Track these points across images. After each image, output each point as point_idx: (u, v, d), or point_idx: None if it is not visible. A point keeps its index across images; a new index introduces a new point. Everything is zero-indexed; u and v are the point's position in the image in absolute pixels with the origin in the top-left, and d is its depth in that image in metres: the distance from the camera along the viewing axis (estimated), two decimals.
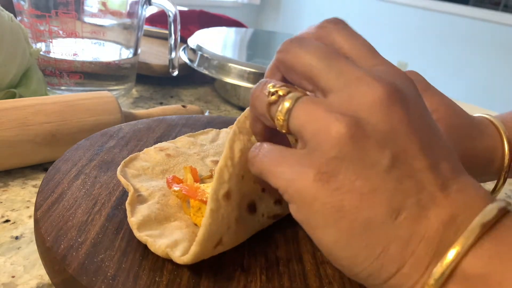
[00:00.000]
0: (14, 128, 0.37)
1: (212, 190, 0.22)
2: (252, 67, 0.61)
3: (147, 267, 0.23)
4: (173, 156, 0.33)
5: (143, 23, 0.60)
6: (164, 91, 0.69)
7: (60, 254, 0.23)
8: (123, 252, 0.24)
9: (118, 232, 0.26)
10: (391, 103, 0.19)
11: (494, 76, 3.05)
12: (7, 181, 0.38)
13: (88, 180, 0.30)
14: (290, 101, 0.20)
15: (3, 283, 0.27)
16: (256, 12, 4.10)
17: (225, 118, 0.45)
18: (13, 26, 0.45)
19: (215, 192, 0.22)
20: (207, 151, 0.35)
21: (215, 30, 0.83)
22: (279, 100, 0.21)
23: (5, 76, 0.44)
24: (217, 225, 0.22)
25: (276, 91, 0.21)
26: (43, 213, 0.26)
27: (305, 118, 0.19)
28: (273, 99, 0.21)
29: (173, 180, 0.29)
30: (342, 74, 0.20)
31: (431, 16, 3.23)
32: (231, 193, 0.23)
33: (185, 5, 1.28)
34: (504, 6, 2.97)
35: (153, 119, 0.42)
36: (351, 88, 0.19)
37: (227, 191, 0.22)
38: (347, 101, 0.19)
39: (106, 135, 0.38)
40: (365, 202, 0.18)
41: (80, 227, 0.25)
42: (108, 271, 0.22)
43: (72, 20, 0.52)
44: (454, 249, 0.17)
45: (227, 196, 0.22)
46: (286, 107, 0.20)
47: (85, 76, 0.55)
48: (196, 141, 0.36)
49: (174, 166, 0.32)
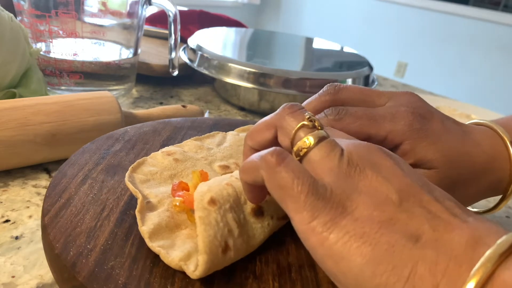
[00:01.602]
0: (14, 128, 0.37)
1: (195, 200, 0.23)
2: (252, 67, 0.61)
3: (158, 274, 0.23)
4: (180, 161, 0.32)
5: (143, 23, 0.60)
6: (164, 91, 0.69)
7: (70, 261, 0.23)
8: (133, 259, 0.24)
9: (127, 238, 0.25)
10: (382, 153, 0.23)
11: (494, 76, 3.05)
12: (7, 181, 0.38)
13: (96, 185, 0.30)
14: (322, 134, 0.23)
15: (3, 283, 0.27)
16: (256, 12, 4.10)
17: (231, 120, 0.45)
18: (13, 26, 0.45)
19: (199, 202, 0.23)
20: (214, 155, 0.35)
21: (215, 30, 0.83)
22: (313, 129, 0.24)
23: (5, 76, 0.44)
24: (213, 228, 0.23)
25: (314, 121, 0.24)
26: (50, 219, 0.26)
27: (321, 159, 0.22)
28: (308, 125, 0.24)
29: (178, 187, 0.28)
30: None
31: (431, 16, 3.23)
32: (215, 199, 0.24)
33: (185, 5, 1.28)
34: (504, 6, 2.97)
35: (158, 122, 0.42)
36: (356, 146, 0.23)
37: (210, 198, 0.24)
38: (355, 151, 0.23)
39: (112, 138, 0.37)
40: (385, 228, 0.19)
41: (89, 233, 0.25)
42: (119, 278, 0.22)
43: (72, 20, 0.52)
44: (487, 263, 0.17)
45: (212, 202, 0.24)
46: (321, 135, 0.23)
47: (85, 76, 0.55)
48: (203, 145, 0.35)
49: (182, 171, 0.32)
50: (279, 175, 0.21)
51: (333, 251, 0.20)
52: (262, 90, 0.61)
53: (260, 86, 0.61)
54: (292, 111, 0.25)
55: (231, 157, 0.35)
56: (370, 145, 0.23)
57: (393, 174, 0.21)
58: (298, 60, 0.79)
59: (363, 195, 0.20)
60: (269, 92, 0.61)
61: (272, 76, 0.61)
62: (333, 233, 0.20)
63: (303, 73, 0.63)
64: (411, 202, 0.20)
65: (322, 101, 0.33)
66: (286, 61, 0.75)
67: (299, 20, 3.93)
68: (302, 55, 0.83)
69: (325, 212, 0.20)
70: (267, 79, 0.61)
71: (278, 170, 0.21)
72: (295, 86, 0.61)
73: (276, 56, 0.79)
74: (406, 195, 0.20)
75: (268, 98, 0.62)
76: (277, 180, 0.21)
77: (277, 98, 0.62)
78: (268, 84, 0.61)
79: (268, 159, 0.22)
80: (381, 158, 0.22)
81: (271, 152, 0.22)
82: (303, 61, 0.78)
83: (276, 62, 0.73)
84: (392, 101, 0.33)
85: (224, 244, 0.23)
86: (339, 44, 0.91)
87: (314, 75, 0.63)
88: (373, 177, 0.21)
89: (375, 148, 0.23)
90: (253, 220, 0.26)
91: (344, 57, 0.83)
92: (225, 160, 0.34)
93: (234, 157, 0.35)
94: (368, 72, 0.70)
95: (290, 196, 0.21)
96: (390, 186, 0.21)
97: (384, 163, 0.22)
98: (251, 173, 0.23)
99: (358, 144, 0.23)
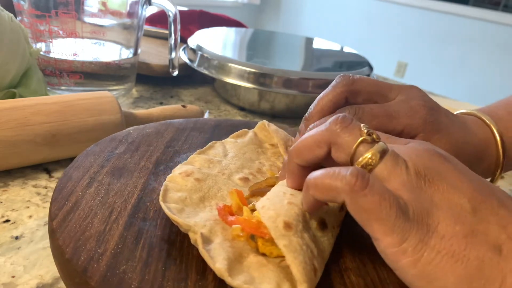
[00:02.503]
0: (14, 128, 0.37)
1: (271, 228, 0.23)
2: (252, 67, 0.61)
3: (170, 278, 0.23)
4: (202, 180, 0.31)
5: (143, 23, 0.60)
6: (164, 91, 0.69)
7: (81, 266, 0.23)
8: (144, 262, 0.24)
9: (137, 241, 0.25)
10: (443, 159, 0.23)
11: (494, 76, 3.05)
12: (7, 181, 0.38)
13: (102, 188, 0.30)
14: (383, 146, 0.23)
15: (3, 283, 0.27)
16: (256, 12, 4.10)
17: (233, 121, 0.45)
18: (13, 26, 0.45)
19: (275, 229, 0.23)
20: (228, 168, 0.34)
21: (215, 30, 0.83)
22: (372, 143, 0.23)
23: (5, 76, 0.44)
24: (301, 254, 0.22)
25: (371, 133, 0.23)
26: (59, 223, 0.26)
27: (389, 174, 0.22)
28: (367, 140, 0.23)
29: (225, 212, 0.27)
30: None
31: (431, 16, 3.23)
32: (289, 223, 0.24)
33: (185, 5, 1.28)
34: (504, 6, 2.97)
35: (160, 123, 0.42)
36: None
37: (283, 223, 0.23)
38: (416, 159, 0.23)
39: (115, 140, 0.37)
40: (470, 244, 0.20)
41: (98, 237, 0.25)
42: (132, 283, 0.22)
43: (72, 20, 0.52)
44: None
45: (288, 227, 0.23)
46: (382, 148, 0.23)
47: (85, 76, 0.55)
48: (210, 158, 0.34)
49: (209, 191, 0.30)
50: (364, 198, 0.21)
51: (426, 272, 0.20)
52: (262, 90, 0.61)
53: (260, 86, 0.61)
54: (345, 125, 0.24)
55: (243, 167, 0.34)
56: (426, 150, 0.23)
57: (459, 181, 0.22)
58: (298, 60, 0.79)
59: (441, 209, 0.21)
60: (269, 92, 0.61)
61: (272, 76, 0.61)
62: (425, 254, 0.20)
63: (303, 73, 0.63)
64: (483, 209, 0.21)
65: (338, 92, 0.33)
66: (286, 61, 0.75)
67: (299, 20, 3.93)
68: (302, 55, 0.83)
69: (413, 233, 0.20)
70: (267, 79, 0.61)
71: (363, 194, 0.21)
72: (295, 86, 0.61)
73: (276, 56, 0.79)
74: (477, 202, 0.21)
75: (268, 98, 0.62)
76: (362, 204, 0.21)
77: (277, 98, 0.62)
78: (268, 84, 0.61)
79: (352, 182, 0.21)
80: (442, 163, 0.23)
81: (354, 174, 0.21)
82: (303, 61, 0.78)
83: (276, 62, 0.73)
84: (401, 95, 0.34)
85: (313, 266, 0.23)
86: (339, 44, 0.91)
87: (314, 75, 0.63)
88: (444, 188, 0.21)
89: (432, 153, 0.23)
90: (320, 234, 0.26)
91: (344, 57, 0.83)
92: (240, 172, 0.34)
93: (246, 167, 0.34)
94: (368, 72, 0.70)
95: (377, 219, 0.21)
96: (461, 195, 0.21)
97: (447, 170, 0.22)
98: (327, 193, 0.22)
99: (416, 151, 0.23)
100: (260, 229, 0.25)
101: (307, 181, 0.24)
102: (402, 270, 0.21)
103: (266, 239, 0.25)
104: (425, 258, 0.20)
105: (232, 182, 0.32)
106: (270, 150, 0.38)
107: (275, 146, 0.38)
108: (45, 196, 0.37)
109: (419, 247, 0.20)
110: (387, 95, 0.34)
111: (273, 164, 0.36)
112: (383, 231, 0.20)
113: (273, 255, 0.24)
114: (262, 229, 0.25)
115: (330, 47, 0.89)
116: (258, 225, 0.25)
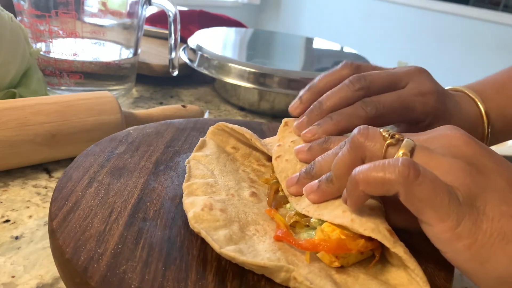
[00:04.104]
0: (14, 128, 0.37)
1: (383, 241, 0.23)
2: (252, 67, 0.61)
3: (170, 278, 0.23)
4: (225, 210, 0.28)
5: (143, 23, 0.60)
6: (164, 91, 0.69)
7: (81, 266, 0.23)
8: (144, 262, 0.24)
9: (137, 241, 0.25)
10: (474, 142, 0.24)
11: None
12: (7, 181, 0.38)
13: (102, 188, 0.30)
14: (409, 142, 0.24)
15: (3, 283, 0.27)
16: (256, 12, 4.10)
17: (232, 121, 0.45)
18: (13, 26, 0.45)
19: (388, 240, 0.23)
20: (228, 187, 0.31)
21: (215, 30, 0.83)
22: (398, 143, 0.24)
23: (5, 76, 0.44)
24: (411, 256, 0.24)
25: (393, 135, 0.24)
26: (59, 223, 0.26)
27: (427, 160, 0.23)
28: (393, 142, 0.24)
29: (288, 237, 0.26)
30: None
31: (431, 16, 3.23)
32: (390, 229, 0.24)
33: (185, 5, 1.28)
34: (504, 6, 2.97)
35: (160, 123, 0.42)
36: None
37: (387, 230, 0.24)
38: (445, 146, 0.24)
39: (115, 140, 0.37)
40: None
41: (98, 237, 0.25)
42: (132, 283, 0.22)
43: (72, 20, 0.52)
44: None
45: (391, 232, 0.24)
46: (410, 144, 0.24)
47: (85, 76, 0.55)
48: (206, 181, 0.31)
49: (240, 219, 0.28)
50: (419, 187, 0.21)
51: (480, 254, 0.21)
52: (262, 90, 0.61)
53: (260, 86, 0.61)
54: (366, 135, 0.25)
55: (238, 181, 0.32)
56: (460, 136, 0.24)
57: (493, 162, 0.23)
58: (298, 60, 0.79)
59: (485, 191, 0.21)
60: (269, 92, 0.61)
61: (272, 76, 0.61)
62: (479, 238, 0.21)
63: (303, 73, 0.63)
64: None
65: (343, 75, 0.35)
66: (286, 61, 0.75)
67: (299, 20, 3.93)
68: (302, 55, 0.83)
69: (467, 217, 0.21)
70: (267, 79, 0.61)
71: (418, 183, 0.21)
72: (295, 86, 0.61)
73: (276, 56, 0.79)
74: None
75: (268, 98, 0.62)
76: (418, 193, 0.21)
77: (277, 98, 0.62)
78: (268, 84, 0.61)
79: (405, 173, 0.21)
80: (474, 147, 0.24)
81: (406, 165, 0.21)
82: (303, 61, 0.78)
83: (276, 62, 0.73)
84: (412, 82, 0.36)
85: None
86: (339, 44, 0.91)
87: (314, 75, 0.62)
88: (483, 170, 0.22)
89: (465, 138, 0.24)
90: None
91: (344, 57, 0.83)
92: (240, 188, 0.32)
93: (240, 180, 0.32)
94: None
95: (432, 206, 0.21)
96: (498, 176, 0.22)
97: (481, 152, 0.23)
98: (380, 187, 0.22)
99: (446, 137, 0.25)
100: (344, 246, 0.24)
101: (355, 176, 0.23)
102: (455, 253, 0.21)
103: (334, 257, 0.25)
104: (480, 241, 0.20)
105: (248, 201, 0.30)
106: (237, 155, 0.36)
107: (236, 148, 0.36)
108: (45, 196, 0.37)
109: (473, 230, 0.21)
110: (397, 84, 0.36)
111: (254, 169, 0.35)
112: (438, 217, 0.21)
113: (349, 264, 0.25)
114: (347, 245, 0.24)
115: (330, 47, 0.89)
116: (339, 242, 0.24)
